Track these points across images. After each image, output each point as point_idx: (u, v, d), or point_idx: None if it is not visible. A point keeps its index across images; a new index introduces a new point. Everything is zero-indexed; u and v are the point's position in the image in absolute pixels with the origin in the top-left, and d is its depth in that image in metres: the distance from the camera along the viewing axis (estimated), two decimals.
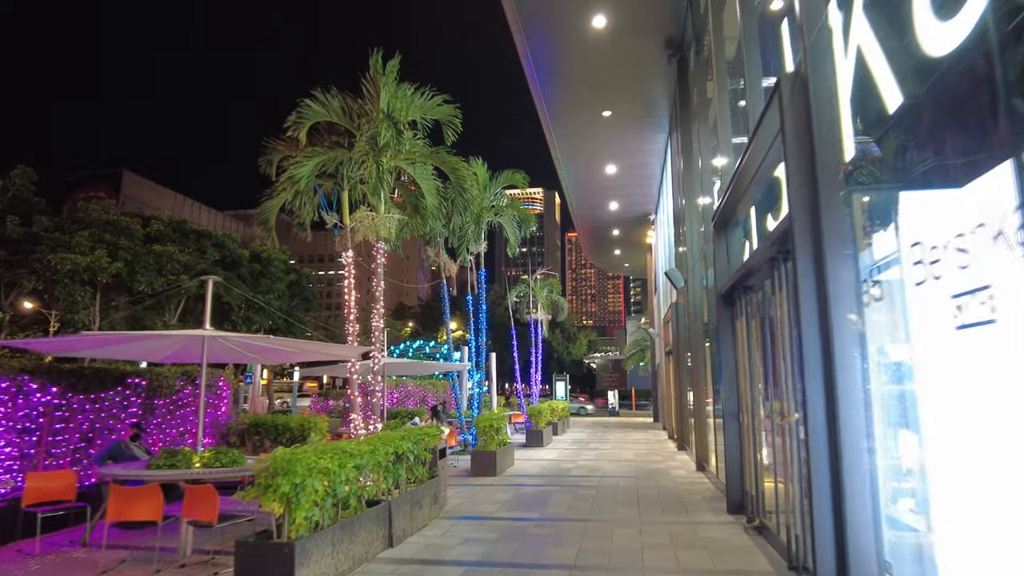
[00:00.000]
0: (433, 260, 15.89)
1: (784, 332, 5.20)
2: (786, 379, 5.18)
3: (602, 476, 11.08)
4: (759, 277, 6.29)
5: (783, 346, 5.30)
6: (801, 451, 4.92)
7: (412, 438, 7.06)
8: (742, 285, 6.93)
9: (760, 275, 6.22)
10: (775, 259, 5.34)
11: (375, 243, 9.43)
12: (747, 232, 7.42)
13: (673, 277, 12.55)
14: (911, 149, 3.84)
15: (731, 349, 7.79)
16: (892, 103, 3.73)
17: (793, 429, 4.99)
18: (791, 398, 5.04)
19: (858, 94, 4.13)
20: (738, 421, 7.66)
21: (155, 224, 28.02)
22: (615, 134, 16.93)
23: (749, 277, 6.63)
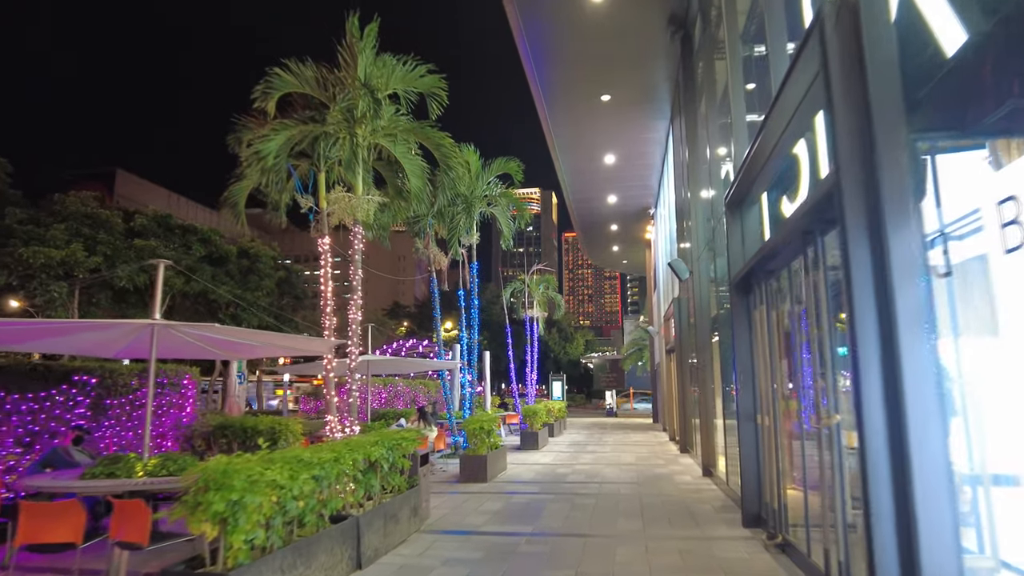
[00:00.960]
0: (422, 252, 15.04)
1: (821, 319, 4.37)
2: (823, 375, 4.35)
3: (601, 482, 10.24)
4: (783, 258, 5.46)
5: (818, 336, 4.47)
6: (842, 459, 4.10)
7: (387, 443, 6.21)
8: (761, 269, 6.11)
9: (785, 255, 5.39)
10: (808, 232, 4.51)
11: (352, 227, 8.58)
12: (768, 210, 6.61)
13: (677, 268, 11.73)
14: (993, 86, 3.03)
15: (747, 343, 6.96)
16: (968, 28, 2.92)
17: (833, 433, 4.17)
18: (830, 397, 4.22)
19: (922, 20, 3.32)
20: (755, 423, 6.83)
21: (139, 218, 27.09)
22: (614, 121, 16.11)
23: (770, 259, 5.81)
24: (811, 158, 4.51)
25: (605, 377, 57.93)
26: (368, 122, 8.02)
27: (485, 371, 22.13)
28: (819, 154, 4.32)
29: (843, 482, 4.13)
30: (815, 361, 4.54)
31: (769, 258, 5.80)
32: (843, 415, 4.14)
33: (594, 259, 35.12)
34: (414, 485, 7.13)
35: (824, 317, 4.28)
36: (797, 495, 5.76)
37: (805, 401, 5.13)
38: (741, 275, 6.81)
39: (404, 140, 9.17)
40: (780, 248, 5.36)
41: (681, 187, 14.65)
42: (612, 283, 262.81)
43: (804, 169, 4.63)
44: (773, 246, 5.50)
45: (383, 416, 15.12)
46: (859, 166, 3.47)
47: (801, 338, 5.11)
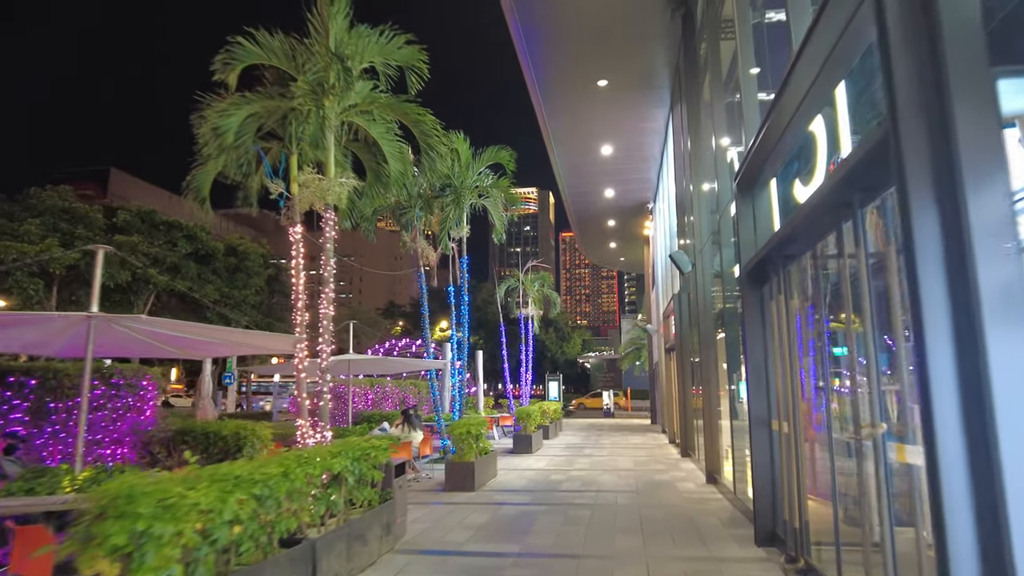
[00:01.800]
0: (409, 246, 14.28)
1: (862, 309, 3.62)
2: (863, 376, 3.60)
3: (598, 491, 9.49)
4: (807, 239, 4.71)
5: (858, 328, 3.73)
6: (888, 475, 3.35)
7: (352, 453, 5.45)
8: (779, 255, 5.36)
9: (809, 236, 4.65)
10: (843, 206, 3.76)
11: (324, 212, 7.81)
12: (785, 189, 5.87)
13: (679, 261, 10.99)
14: None
15: (760, 339, 6.22)
16: None
17: (878, 446, 3.42)
18: (872, 402, 3.47)
19: None
20: (769, 429, 6.09)
21: (121, 214, 26.30)
22: (611, 109, 15.36)
23: (790, 243, 5.06)
24: (854, 111, 3.77)
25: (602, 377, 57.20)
26: (338, 94, 7.25)
27: (478, 371, 21.38)
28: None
29: (888, 501, 3.38)
30: (851, 359, 3.79)
31: (789, 241, 5.05)
32: (889, 424, 3.39)
33: (591, 256, 34.39)
34: (387, 499, 6.37)
35: (866, 306, 3.53)
36: (822, 512, 5.02)
37: (832, 404, 4.39)
38: (754, 263, 6.07)
39: (383, 119, 8.41)
40: (804, 228, 4.61)
41: (682, 179, 13.92)
42: (609, 283, 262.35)
43: (841, 127, 3.89)
44: (794, 227, 4.75)
45: (368, 419, 14.37)
46: (922, 111, 2.72)
47: (832, 331, 4.37)
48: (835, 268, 4.31)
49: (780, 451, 5.78)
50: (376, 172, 8.90)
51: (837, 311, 4.50)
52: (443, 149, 8.25)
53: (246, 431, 8.19)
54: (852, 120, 4.45)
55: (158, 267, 26.74)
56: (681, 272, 11.46)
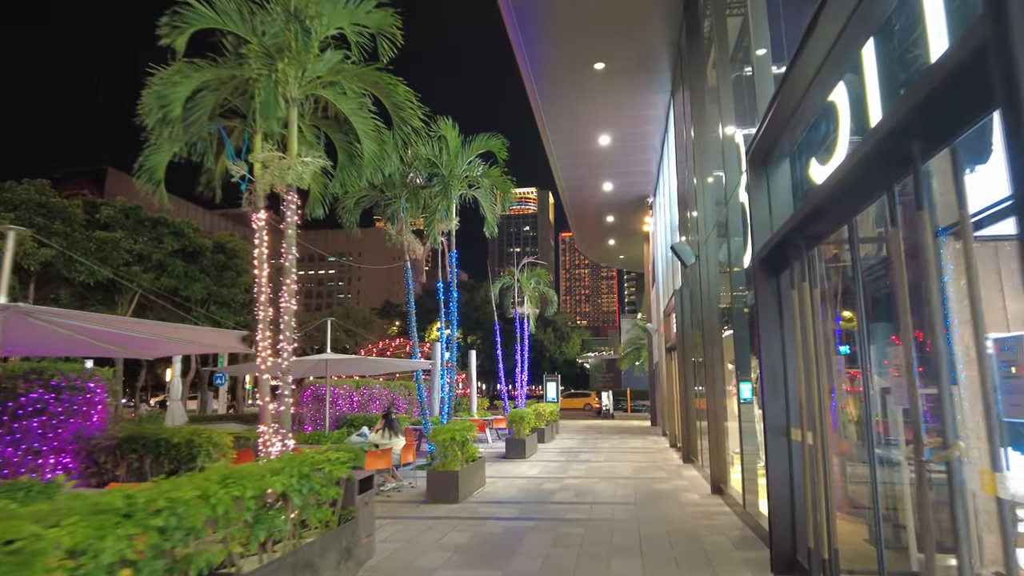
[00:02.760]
0: (395, 239, 13.47)
1: (930, 295, 2.81)
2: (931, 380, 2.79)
3: (593, 502, 8.68)
4: (842, 212, 3.89)
5: (913, 321, 2.92)
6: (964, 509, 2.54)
7: (298, 469, 4.63)
8: (803, 234, 4.54)
9: (845, 208, 3.83)
10: (900, 160, 2.94)
11: (285, 194, 7.01)
12: (807, 159, 5.07)
13: (681, 252, 10.17)
14: None
15: (776, 335, 5.40)
16: None
17: (954, 471, 2.60)
18: (948, 415, 2.65)
19: None
20: (788, 439, 5.27)
21: (105, 209, 25.45)
22: (609, 94, 14.54)
23: (817, 218, 4.24)
24: (886, 73, 2.95)
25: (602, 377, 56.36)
26: (296, 58, 6.43)
27: (471, 371, 20.58)
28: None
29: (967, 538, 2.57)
30: (905, 360, 2.97)
31: (815, 217, 4.23)
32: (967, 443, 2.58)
33: (589, 254, 33.58)
34: (349, 518, 5.55)
35: (932, 291, 2.71)
36: (857, 542, 4.21)
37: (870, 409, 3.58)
38: (769, 248, 5.26)
39: (354, 93, 7.60)
40: (836, 198, 3.80)
41: (684, 170, 13.11)
42: (609, 283, 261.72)
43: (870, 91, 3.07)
44: (823, 199, 3.94)
45: (351, 422, 13.56)
46: None
47: (875, 326, 3.56)
48: (876, 247, 3.50)
49: (802, 465, 4.96)
50: (348, 153, 8.08)
51: (880, 300, 3.69)
52: (417, 123, 7.41)
53: (200, 438, 7.36)
54: (883, 82, 3.70)
55: (143, 264, 25.91)
56: (684, 265, 10.65)
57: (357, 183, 8.08)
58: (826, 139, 4.69)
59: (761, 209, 5.70)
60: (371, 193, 13.45)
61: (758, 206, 5.73)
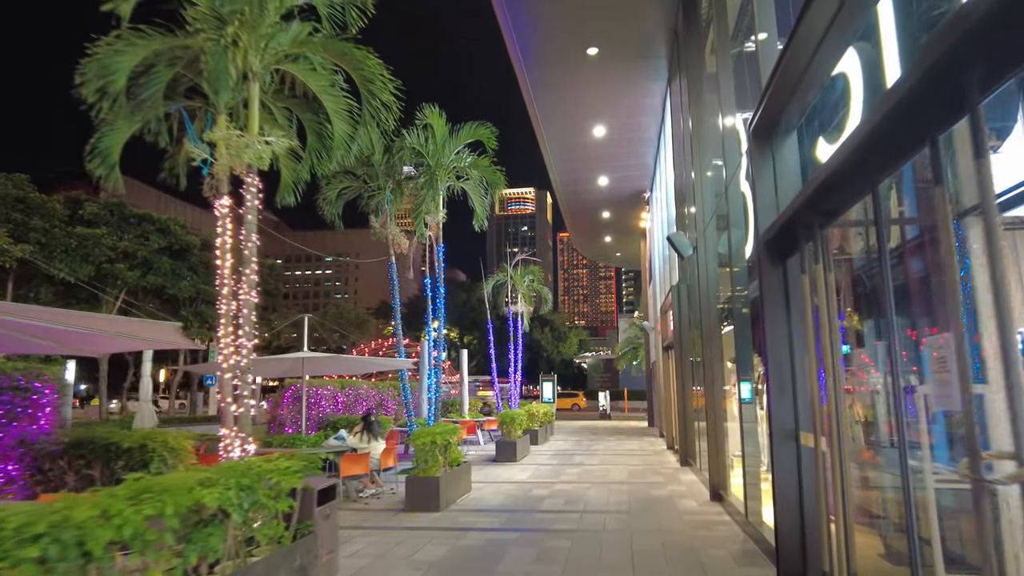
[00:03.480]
0: (379, 233, 12.88)
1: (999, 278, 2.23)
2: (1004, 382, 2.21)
3: (583, 511, 8.09)
4: (864, 179, 3.30)
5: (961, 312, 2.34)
6: None
7: (236, 481, 4.04)
8: (816, 210, 3.95)
9: (869, 174, 3.24)
10: (944, 103, 2.36)
11: (245, 175, 6.43)
12: (815, 130, 4.50)
13: (678, 243, 9.59)
14: None
15: (783, 327, 4.82)
16: None
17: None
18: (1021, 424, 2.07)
19: None
20: (797, 444, 4.69)
21: (88, 206, 24.84)
22: (603, 82, 13.96)
23: (834, 190, 3.66)
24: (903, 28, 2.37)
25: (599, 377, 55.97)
26: (250, 24, 5.84)
27: (463, 370, 20.01)
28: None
29: None
30: (958, 355, 2.38)
31: (830, 189, 3.65)
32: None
33: (585, 252, 33.01)
34: (305, 533, 4.96)
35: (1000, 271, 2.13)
36: (872, 556, 3.63)
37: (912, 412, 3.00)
38: (776, 229, 4.68)
39: (324, 69, 7.03)
40: (857, 164, 3.21)
41: (681, 164, 12.53)
42: (607, 283, 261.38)
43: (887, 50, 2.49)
44: (840, 165, 3.36)
45: (334, 424, 12.97)
46: None
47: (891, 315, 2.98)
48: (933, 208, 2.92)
49: (814, 475, 4.38)
50: (318, 134, 7.51)
51: (910, 286, 3.11)
52: (387, 96, 6.82)
53: (155, 442, 6.76)
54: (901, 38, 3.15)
55: (128, 262, 25.29)
56: (681, 257, 10.07)
57: (327, 166, 7.49)
58: (840, 107, 4.12)
59: (765, 188, 5.12)
60: (353, 184, 12.89)
61: (762, 185, 5.15)
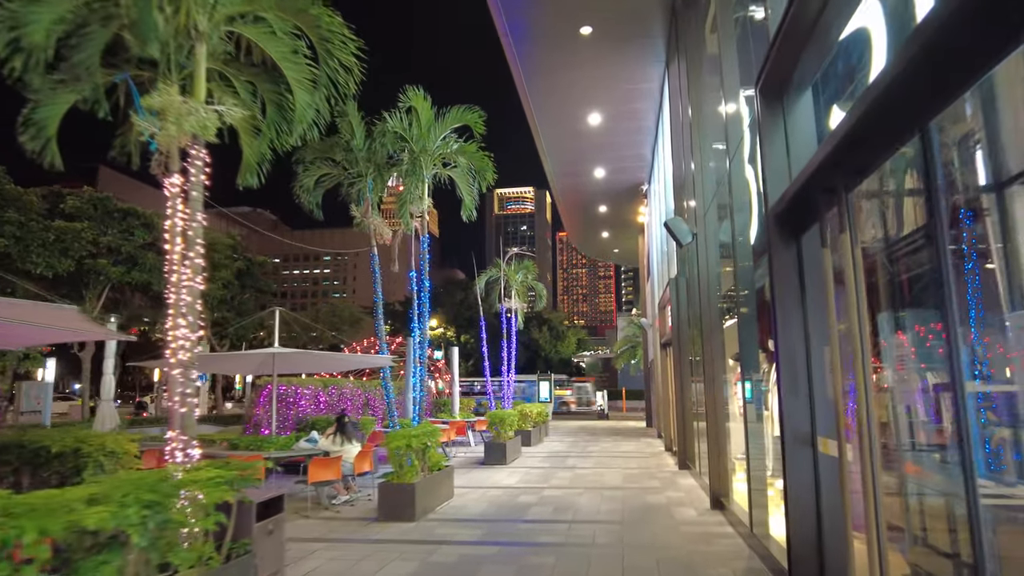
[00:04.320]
0: (361, 223, 12.18)
1: None
2: None
3: (572, 521, 7.40)
4: (905, 123, 2.61)
5: None
6: None
7: (136, 496, 3.34)
8: (841, 170, 3.26)
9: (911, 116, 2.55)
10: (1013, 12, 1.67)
11: (190, 147, 5.74)
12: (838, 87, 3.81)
13: (676, 229, 8.89)
14: None
15: (798, 315, 4.14)
16: None
17: None
18: None
19: None
20: (814, 451, 4.00)
21: (71, 199, 24.10)
22: (598, 64, 13.26)
23: (863, 143, 2.97)
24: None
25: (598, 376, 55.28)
26: None
27: (454, 369, 19.32)
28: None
29: None
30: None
31: (860, 139, 2.96)
32: None
33: (582, 248, 32.32)
34: (242, 553, 4.27)
35: None
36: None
37: None
38: (789, 198, 3.99)
39: (284, 34, 6.33)
40: (903, 95, 2.52)
41: (680, 152, 11.83)
42: (607, 282, 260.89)
43: None
44: (878, 100, 2.66)
45: (313, 425, 12.28)
46: None
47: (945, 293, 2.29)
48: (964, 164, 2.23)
49: (837, 487, 3.69)
50: (278, 105, 6.81)
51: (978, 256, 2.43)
52: (347, 57, 6.12)
53: (91, 446, 6.06)
54: None
55: (111, 257, 24.58)
56: (679, 245, 9.38)
57: (287, 140, 6.79)
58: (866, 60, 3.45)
59: (776, 155, 4.43)
60: (333, 171, 12.19)
61: (772, 152, 4.46)
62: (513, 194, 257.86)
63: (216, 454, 8.88)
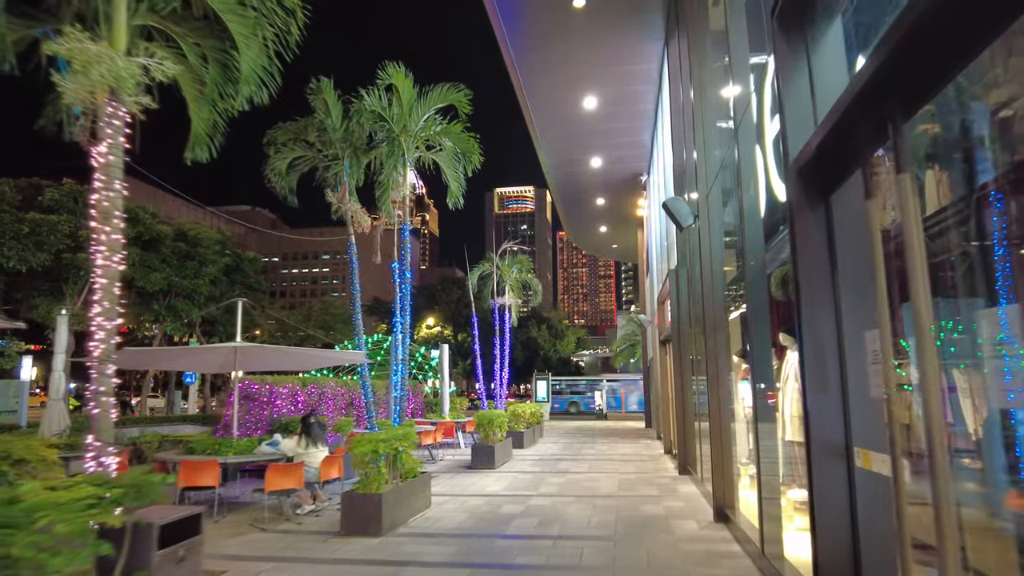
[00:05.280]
0: (337, 209, 11.34)
1: None
2: None
3: (558, 536, 6.57)
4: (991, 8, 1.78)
5: None
6: None
7: None
8: (893, 91, 2.42)
9: None
10: None
11: (106, 101, 4.93)
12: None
13: (676, 211, 8.04)
14: None
15: (827, 294, 3.31)
16: None
17: None
18: None
19: None
20: (849, 465, 3.17)
21: (49, 191, 23.26)
22: (593, 42, 12.44)
23: (929, 45, 2.13)
24: None
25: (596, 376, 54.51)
26: None
27: (444, 367, 18.50)
28: None
29: None
30: None
31: (920, 48, 2.12)
32: None
33: (580, 243, 31.46)
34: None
35: None
36: None
37: None
38: (818, 145, 3.15)
39: None
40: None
41: (680, 138, 10.98)
42: (607, 282, 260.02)
43: None
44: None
45: (285, 427, 11.45)
46: None
47: None
48: None
49: (879, 512, 2.85)
50: (222, 64, 5.98)
51: None
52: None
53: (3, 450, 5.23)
54: None
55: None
56: (679, 228, 8.54)
57: (232, 103, 5.96)
58: None
59: (797, 97, 3.60)
60: (307, 154, 11.36)
61: (793, 94, 3.62)
62: (513, 193, 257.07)
63: (169, 459, 8.06)
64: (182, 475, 7.39)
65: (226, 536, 6.74)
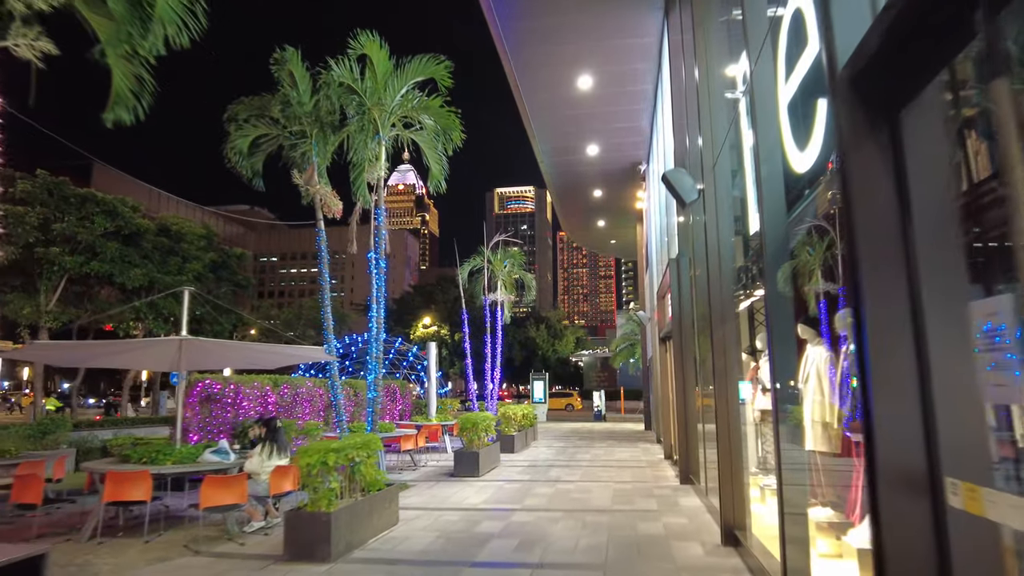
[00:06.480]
0: (305, 192, 10.33)
1: None
2: None
3: (539, 563, 5.55)
4: None
5: None
6: None
7: None
8: None
9: None
10: None
11: None
12: None
13: (678, 183, 7.00)
14: None
15: (898, 257, 2.30)
16: None
17: None
18: None
19: None
20: (936, 502, 2.15)
21: (21, 183, 22.30)
22: (587, 14, 11.43)
23: None
24: None
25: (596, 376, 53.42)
26: None
27: (431, 366, 17.49)
28: None
29: None
30: None
31: None
32: None
33: (577, 238, 30.46)
34: None
35: None
36: None
37: None
38: (884, 30, 2.13)
39: None
40: None
41: (682, 122, 9.96)
42: (607, 282, 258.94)
43: None
44: None
45: (243, 430, 10.43)
46: None
47: None
48: None
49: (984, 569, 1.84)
50: (132, 2, 4.97)
51: None
52: None
53: None
54: None
55: (67, 246, 22.79)
56: (682, 204, 7.52)
57: (143, 45, 4.95)
58: None
59: None
60: (272, 131, 10.35)
61: None
62: (514, 193, 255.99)
63: (96, 469, 7.05)
64: (108, 488, 6.39)
65: (150, 561, 5.74)
